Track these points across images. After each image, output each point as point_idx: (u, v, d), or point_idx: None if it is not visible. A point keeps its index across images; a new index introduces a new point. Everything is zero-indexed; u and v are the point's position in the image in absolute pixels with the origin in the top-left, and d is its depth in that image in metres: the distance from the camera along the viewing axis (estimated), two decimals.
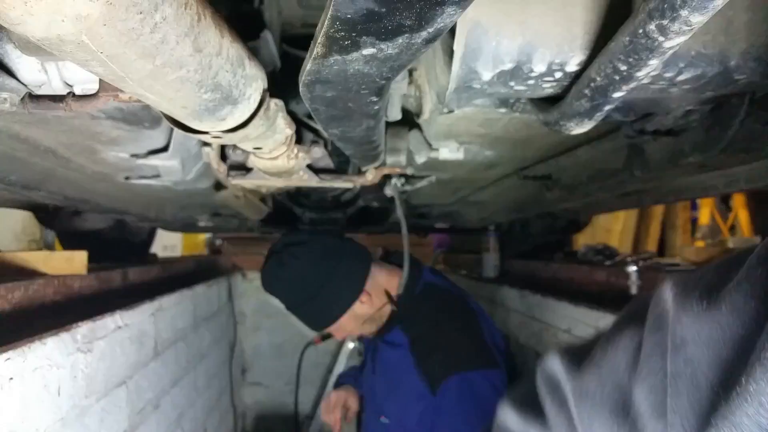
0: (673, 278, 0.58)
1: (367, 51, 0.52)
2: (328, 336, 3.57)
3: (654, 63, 0.64)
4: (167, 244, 5.27)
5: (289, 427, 4.16)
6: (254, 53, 0.97)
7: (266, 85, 0.85)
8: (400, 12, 0.45)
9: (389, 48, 0.51)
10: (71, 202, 1.82)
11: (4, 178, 1.36)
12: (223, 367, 3.57)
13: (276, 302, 1.99)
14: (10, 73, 0.90)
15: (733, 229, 5.76)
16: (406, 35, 0.49)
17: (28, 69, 0.91)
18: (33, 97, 0.94)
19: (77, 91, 0.95)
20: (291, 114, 1.13)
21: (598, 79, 0.73)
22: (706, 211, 5.84)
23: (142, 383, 2.00)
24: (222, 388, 3.48)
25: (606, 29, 0.76)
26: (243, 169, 1.37)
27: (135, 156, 1.34)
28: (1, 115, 1.02)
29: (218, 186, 1.83)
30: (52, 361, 1.37)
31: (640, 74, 0.67)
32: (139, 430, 1.95)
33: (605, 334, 0.69)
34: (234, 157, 1.34)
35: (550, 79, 0.84)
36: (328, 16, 0.46)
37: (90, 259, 1.90)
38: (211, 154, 1.36)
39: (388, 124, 1.38)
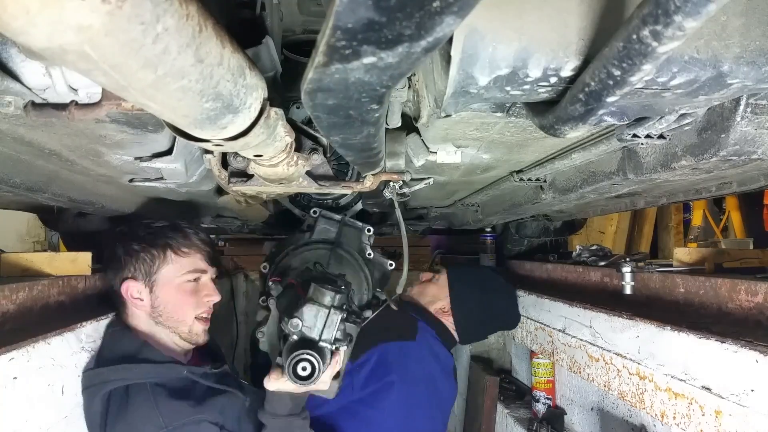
0: None
1: (368, 60, 0.53)
2: None
3: (647, 68, 0.65)
4: None
5: None
6: (256, 59, 0.99)
7: (267, 94, 0.86)
8: (399, 22, 0.46)
9: (389, 57, 0.52)
10: (76, 204, 1.82)
11: (8, 181, 1.37)
12: None
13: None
14: (15, 77, 0.91)
15: (725, 230, 5.77)
16: (406, 44, 0.50)
17: (32, 73, 0.92)
18: (36, 105, 0.95)
19: (82, 95, 0.96)
20: (290, 121, 1.14)
21: (593, 83, 0.75)
22: (698, 213, 5.85)
23: None
24: None
25: (600, 35, 0.78)
26: (244, 175, 1.38)
27: (139, 159, 1.35)
28: (5, 118, 1.03)
29: (220, 190, 1.84)
30: (56, 360, 1.38)
31: (633, 79, 0.69)
32: None
33: None
34: (235, 164, 1.35)
35: (546, 84, 0.85)
36: (330, 25, 0.47)
37: (94, 260, 1.91)
38: (213, 161, 1.37)
39: (387, 129, 1.39)
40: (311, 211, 2.24)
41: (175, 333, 1.73)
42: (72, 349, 1.48)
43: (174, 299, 1.71)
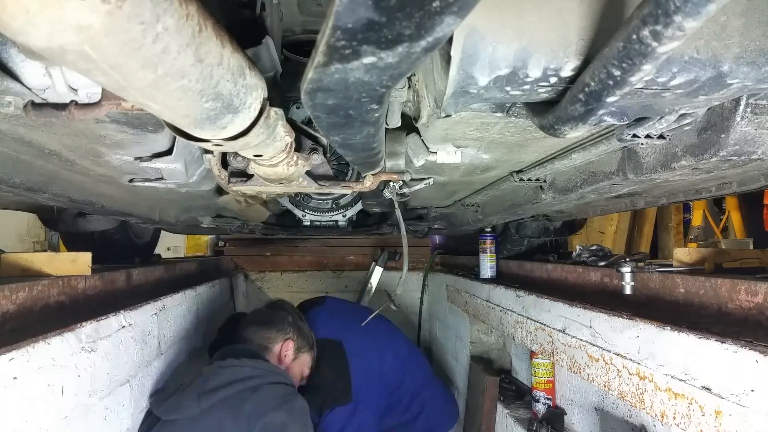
0: None
1: (368, 60, 0.53)
2: None
3: (647, 68, 0.65)
4: (171, 245, 5.29)
5: None
6: (256, 59, 0.99)
7: (266, 94, 0.86)
8: (399, 22, 0.46)
9: (389, 57, 0.52)
10: (76, 205, 1.83)
11: (8, 181, 1.36)
12: None
13: None
14: (15, 77, 0.91)
15: (725, 230, 5.77)
16: (406, 44, 0.50)
17: (32, 73, 0.92)
18: (36, 105, 0.95)
19: (82, 95, 0.96)
20: (290, 121, 1.14)
21: (593, 84, 0.75)
22: (698, 213, 5.85)
23: (145, 382, 2.01)
24: None
25: (600, 35, 0.78)
26: (244, 175, 1.38)
27: (139, 159, 1.35)
28: (5, 118, 1.02)
29: (220, 190, 1.84)
30: (56, 360, 1.37)
31: (633, 79, 0.69)
32: None
33: None
34: (235, 164, 1.35)
35: (545, 84, 0.85)
36: (329, 25, 0.47)
37: (94, 260, 1.91)
38: (213, 161, 1.37)
39: (387, 129, 1.39)
40: None
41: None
42: (72, 349, 1.47)
43: (299, 372, 2.51)
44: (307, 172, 1.41)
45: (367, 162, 1.22)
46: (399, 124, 1.31)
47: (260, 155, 1.11)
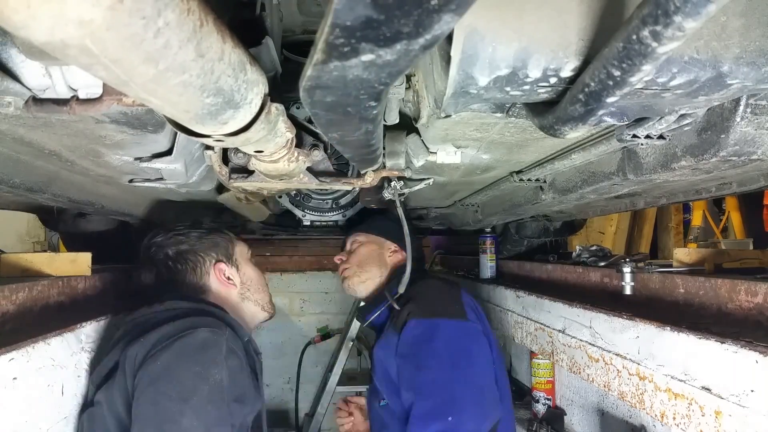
0: None
1: (366, 57, 0.53)
2: (327, 335, 3.87)
3: (647, 68, 0.65)
4: None
5: (289, 425, 4.19)
6: (256, 59, 0.99)
7: (267, 90, 0.86)
8: (398, 19, 0.47)
9: (387, 54, 0.52)
10: (75, 205, 1.82)
11: (8, 181, 1.37)
12: None
13: (278, 303, 2.09)
14: (15, 78, 0.91)
15: (725, 231, 5.76)
16: (404, 42, 0.50)
17: (32, 73, 0.92)
18: (37, 101, 0.95)
19: (81, 95, 0.96)
20: (291, 118, 1.14)
21: (592, 84, 0.75)
22: (698, 214, 5.84)
23: None
24: None
25: (600, 35, 0.78)
26: (244, 171, 1.38)
27: (139, 159, 1.35)
28: (5, 118, 1.03)
29: (221, 188, 1.84)
30: (56, 361, 1.38)
31: (633, 79, 0.69)
32: None
33: None
34: (236, 160, 1.35)
35: (545, 84, 0.85)
36: (328, 23, 0.47)
37: (94, 261, 1.91)
38: (214, 157, 1.37)
39: (387, 128, 1.39)
40: None
41: (258, 304, 1.89)
42: (72, 349, 1.47)
43: (254, 273, 1.92)
44: (308, 168, 1.41)
45: (365, 159, 1.22)
46: (397, 121, 1.31)
47: (261, 151, 1.11)
